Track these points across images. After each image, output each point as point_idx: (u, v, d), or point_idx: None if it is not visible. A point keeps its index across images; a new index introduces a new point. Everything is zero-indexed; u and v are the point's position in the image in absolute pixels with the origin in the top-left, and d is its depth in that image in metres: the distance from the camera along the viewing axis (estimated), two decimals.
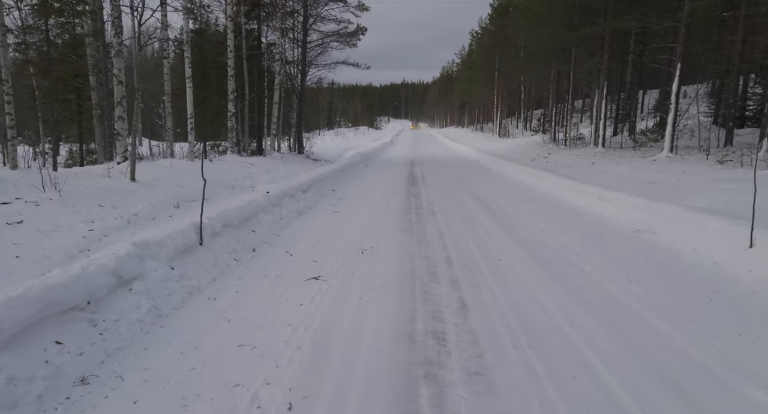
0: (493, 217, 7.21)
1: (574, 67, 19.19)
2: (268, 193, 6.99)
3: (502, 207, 8.24)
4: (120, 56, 10.10)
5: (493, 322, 3.17)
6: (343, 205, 8.44)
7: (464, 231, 6.15)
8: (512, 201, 8.96)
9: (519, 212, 7.63)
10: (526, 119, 36.24)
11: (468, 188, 11.06)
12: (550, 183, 10.88)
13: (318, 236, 5.87)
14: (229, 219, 5.19)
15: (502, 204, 8.57)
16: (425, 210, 7.87)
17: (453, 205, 8.46)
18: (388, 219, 7.03)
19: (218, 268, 4.29)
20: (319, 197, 9.24)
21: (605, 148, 16.46)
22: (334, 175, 13.06)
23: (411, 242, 5.53)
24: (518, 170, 14.25)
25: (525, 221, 6.89)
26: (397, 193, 10.02)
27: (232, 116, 15.50)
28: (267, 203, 6.62)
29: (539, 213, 7.56)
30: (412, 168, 16.74)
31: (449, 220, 6.92)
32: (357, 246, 5.35)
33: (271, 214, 6.51)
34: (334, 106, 71.41)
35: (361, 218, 7.08)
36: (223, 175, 11.20)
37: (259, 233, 5.68)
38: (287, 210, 7.13)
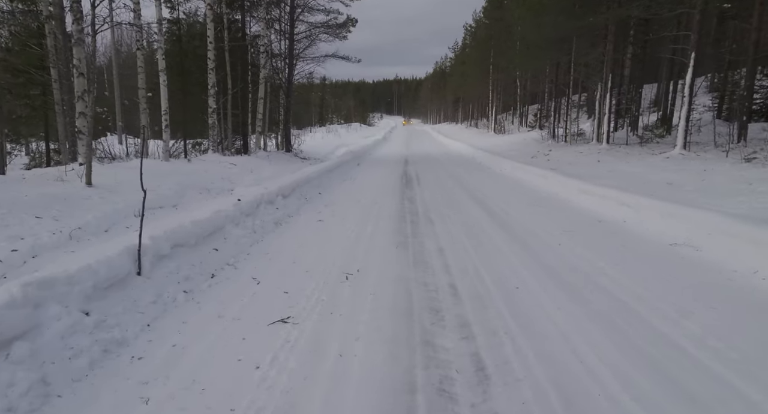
0: (500, 226, 6.27)
1: (575, 59, 18.29)
2: (239, 200, 6.00)
3: (507, 212, 7.30)
4: (80, 45, 9.04)
5: (525, 401, 2.22)
6: (329, 211, 7.46)
7: (468, 246, 5.20)
8: (517, 204, 8.03)
9: (528, 219, 6.69)
10: (522, 115, 35.36)
11: (467, 189, 10.12)
12: (556, 183, 9.96)
13: (295, 254, 4.90)
14: (183, 237, 4.21)
15: (507, 208, 7.64)
16: (421, 217, 6.91)
17: (452, 210, 7.51)
18: (380, 229, 6.07)
19: (159, 307, 3.31)
20: (303, 202, 8.26)
21: (610, 145, 15.59)
22: (322, 175, 12.08)
23: (406, 262, 4.57)
24: (519, 169, 13.34)
25: (537, 231, 5.95)
26: (389, 196, 9.06)
27: (212, 113, 14.46)
28: (238, 213, 5.64)
29: (551, 220, 6.63)
30: (405, 167, 15.78)
31: (449, 231, 5.97)
32: (341, 268, 4.39)
33: (242, 227, 5.53)
34: (325, 103, 70.24)
35: (348, 229, 6.11)
36: (199, 177, 10.19)
37: (223, 252, 4.69)
38: (263, 220, 6.15)
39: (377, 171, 14.55)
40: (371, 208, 7.77)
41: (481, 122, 46.55)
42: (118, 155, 13.38)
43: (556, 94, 22.66)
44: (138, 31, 10.26)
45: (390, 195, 9.29)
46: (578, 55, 17.03)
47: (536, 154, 17.67)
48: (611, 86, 15.40)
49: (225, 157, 14.06)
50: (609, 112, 15.58)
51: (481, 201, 8.52)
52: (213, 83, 14.29)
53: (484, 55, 37.16)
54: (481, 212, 7.34)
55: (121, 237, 4.46)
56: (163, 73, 11.52)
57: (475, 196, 9.20)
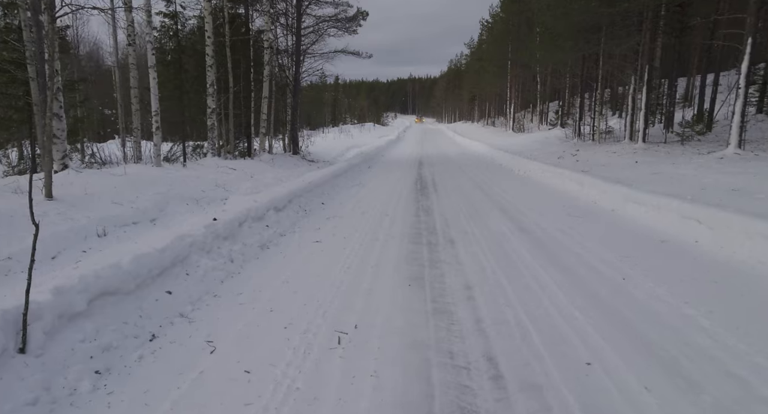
0: (540, 250, 5.00)
1: (604, 51, 16.81)
2: (215, 220, 4.84)
3: (543, 228, 6.02)
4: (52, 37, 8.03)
5: None
6: (330, 228, 6.27)
7: (504, 282, 3.95)
8: (553, 217, 6.74)
9: (573, 240, 5.40)
10: (543, 112, 33.79)
11: (491, 197, 8.85)
12: (594, 189, 8.64)
13: (276, 297, 3.72)
14: (114, 281, 3.05)
15: (542, 222, 6.36)
16: (440, 236, 5.67)
17: (476, 225, 6.25)
18: (389, 255, 4.85)
19: (40, 410, 2.15)
20: (300, 216, 7.08)
21: (646, 144, 14.13)
22: (328, 181, 10.91)
23: (423, 313, 3.35)
24: (546, 171, 12.01)
25: (587, 256, 4.68)
26: (402, 207, 7.84)
27: (212, 113, 13.43)
28: (210, 237, 4.47)
29: (601, 240, 5.33)
30: (420, 169, 14.53)
31: (477, 258, 4.72)
32: (333, 321, 3.20)
33: (216, 255, 4.36)
34: (338, 103, 69.23)
35: (350, 254, 4.91)
36: (190, 185, 9.11)
37: (178, 295, 3.53)
38: (245, 243, 4.98)
39: (389, 175, 13.34)
40: (380, 223, 6.55)
41: (498, 120, 45.02)
42: (110, 160, 12.39)
43: (581, 89, 21.17)
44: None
45: (403, 205, 8.07)
46: (608, 45, 15.56)
47: (562, 154, 16.28)
48: (648, 79, 13.94)
49: (225, 161, 13.00)
50: (645, 108, 14.12)
51: (509, 212, 7.24)
52: (212, 81, 13.25)
53: (502, 50, 35.65)
54: (512, 228, 6.07)
55: (58, 270, 3.35)
56: (152, 69, 10.46)
57: (501, 205, 7.93)
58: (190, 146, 15.66)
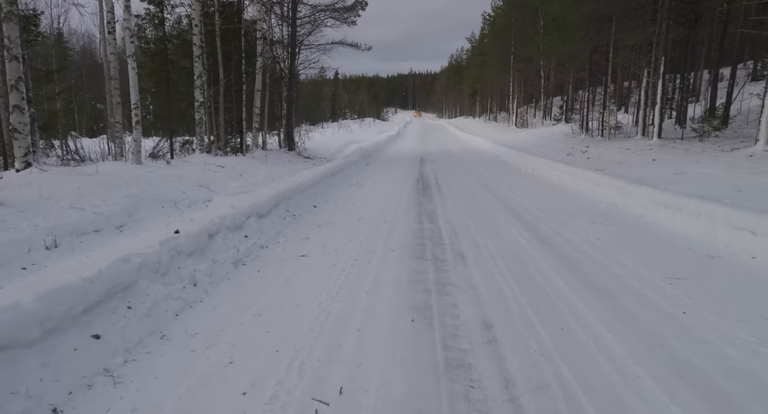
0: (569, 270, 4.15)
1: (616, 42, 15.90)
2: (177, 233, 3.99)
3: (566, 238, 5.18)
4: (11, 21, 7.19)
5: None
6: (319, 238, 5.43)
7: (534, 319, 3.10)
8: (574, 224, 5.90)
9: (605, 255, 4.56)
10: (546, 107, 32.87)
11: (500, 199, 8.01)
12: (615, 190, 7.81)
13: (241, 340, 2.88)
14: (2, 333, 2.20)
15: (564, 231, 5.52)
16: (448, 250, 4.83)
17: (489, 235, 5.41)
18: (387, 277, 4.01)
19: None
20: (287, 223, 6.24)
21: (662, 140, 13.28)
22: (323, 180, 10.07)
23: (430, 367, 2.51)
24: (556, 169, 11.17)
25: (632, 282, 3.83)
26: (402, 211, 7.00)
27: (200, 107, 12.56)
28: (168, 255, 3.63)
29: (641, 256, 4.49)
30: (422, 167, 13.67)
31: (495, 281, 3.89)
32: (312, 380, 2.38)
33: (173, 277, 3.53)
34: (338, 98, 68.22)
35: (340, 274, 4.07)
36: (169, 186, 8.27)
37: (110, 340, 2.69)
38: (216, 260, 4.14)
39: (389, 173, 12.49)
40: (378, 231, 5.72)
41: (500, 116, 44.11)
42: (90, 157, 11.54)
43: (589, 82, 20.28)
44: None
45: (403, 209, 7.23)
46: (621, 36, 14.64)
47: (571, 150, 15.43)
48: (663, 71, 13.05)
49: (214, 158, 12.15)
50: (661, 102, 13.25)
51: (523, 217, 6.40)
52: (200, 73, 12.37)
53: (504, 44, 34.69)
54: (530, 239, 5.23)
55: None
56: (131, 58, 9.59)
57: (512, 209, 7.09)
58: (178, 142, 14.83)
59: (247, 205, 5.52)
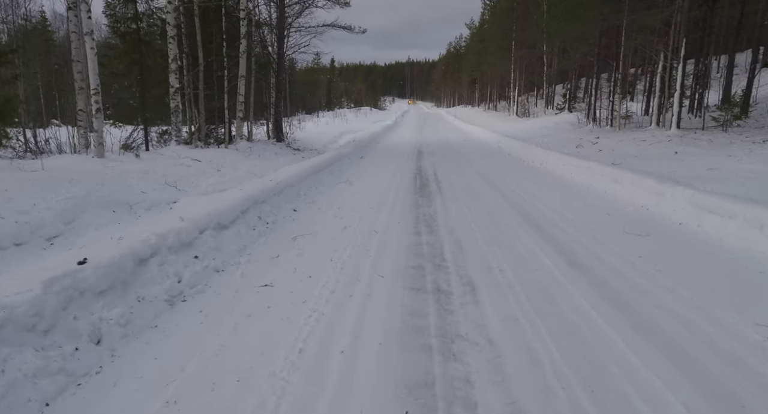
0: (618, 310, 3.08)
1: (629, 23, 14.68)
2: (83, 263, 2.92)
3: (601, 259, 4.13)
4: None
5: None
6: (291, 258, 4.36)
7: (590, 409, 2.08)
8: (605, 236, 4.84)
9: (659, 285, 3.50)
10: (549, 96, 31.67)
11: (509, 199, 6.94)
12: (641, 190, 6.75)
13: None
14: None
15: (596, 248, 4.46)
16: (453, 277, 3.76)
17: (504, 254, 4.34)
18: (372, 325, 2.95)
19: None
20: (257, 234, 5.16)
21: (681, 130, 12.20)
22: (308, 177, 8.97)
23: None
24: (568, 163, 10.11)
25: (705, 328, 2.78)
26: (396, 217, 5.93)
27: (175, 93, 11.42)
28: (55, 302, 2.55)
29: (702, 284, 3.43)
30: (419, 161, 12.57)
31: (522, 332, 2.84)
32: None
33: (60, 334, 2.45)
34: (334, 86, 66.71)
35: (309, 318, 3.01)
36: (128, 184, 7.18)
37: None
38: (142, 297, 3.08)
39: (384, 168, 11.39)
40: (365, 246, 4.65)
41: (500, 104, 42.89)
42: (49, 149, 10.38)
43: (598, 68, 19.10)
44: None
45: (398, 213, 6.15)
46: (638, 16, 13.44)
47: (579, 141, 14.36)
48: (684, 55, 11.92)
49: (190, 151, 11.03)
50: (680, 89, 12.14)
51: (539, 225, 5.34)
52: (175, 55, 11.20)
53: (506, 30, 33.37)
54: (553, 256, 4.17)
55: None
56: (89, 37, 8.39)
57: (525, 212, 6.02)
58: (156, 132, 13.65)
59: (203, 213, 4.44)
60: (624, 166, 8.78)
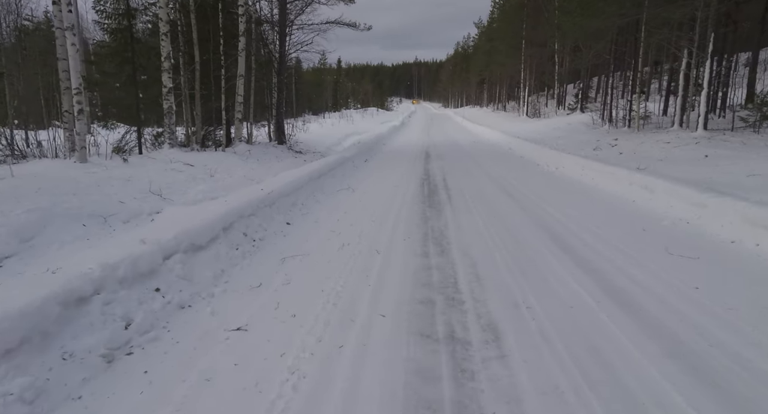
0: (685, 372, 2.35)
1: (649, 18, 13.83)
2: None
3: (647, 288, 3.38)
4: None
5: None
6: (274, 288, 3.65)
7: None
8: (647, 259, 4.09)
9: (725, 326, 2.76)
10: (560, 96, 30.78)
11: (528, 210, 6.18)
12: (676, 200, 5.98)
13: None
14: None
15: (640, 275, 3.71)
16: (471, 318, 3.02)
17: (528, 281, 3.60)
18: (366, 397, 2.25)
19: None
20: (242, 253, 4.45)
21: (708, 132, 11.37)
22: (308, 183, 8.26)
23: None
24: (587, 168, 9.34)
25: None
26: (401, 232, 5.20)
27: (168, 93, 10.80)
28: None
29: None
30: (427, 164, 11.83)
31: (560, 397, 2.12)
32: None
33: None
34: (340, 87, 66.12)
35: (284, 384, 2.30)
36: (106, 192, 6.52)
37: None
38: (68, 354, 2.38)
39: (389, 172, 10.66)
40: (364, 272, 3.93)
41: (509, 105, 42.02)
42: (32, 153, 9.75)
43: (614, 66, 18.26)
44: None
45: (403, 228, 5.43)
46: (660, 9, 12.59)
47: (597, 144, 13.55)
48: (712, 51, 11.09)
49: (184, 154, 10.39)
50: (708, 87, 11.31)
51: (568, 244, 4.58)
52: (168, 53, 10.57)
53: (516, 28, 32.51)
54: (593, 289, 3.43)
55: None
56: (69, 32, 7.77)
57: (549, 227, 5.27)
58: (150, 134, 13.02)
59: (171, 234, 3.74)
60: (650, 171, 8.00)
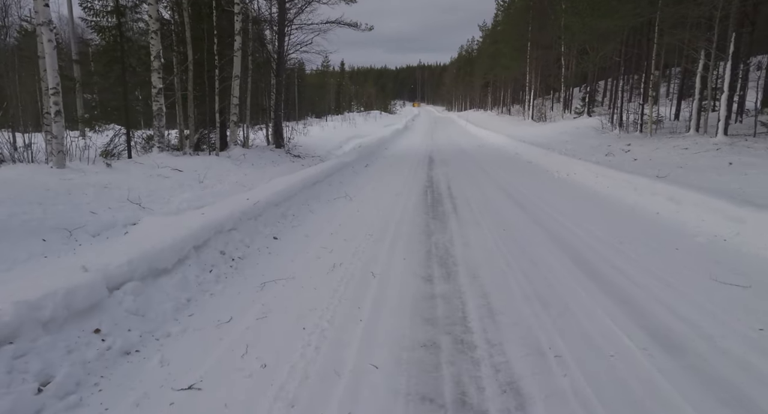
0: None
1: (663, 18, 13.18)
2: None
3: (701, 330, 2.76)
4: None
5: None
6: (246, 325, 3.03)
7: None
8: (691, 288, 3.46)
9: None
10: (567, 99, 30.13)
11: (541, 222, 5.55)
12: (712, 214, 5.35)
13: None
14: None
15: (688, 311, 3.08)
16: (486, 372, 2.39)
17: (552, 319, 2.98)
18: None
19: None
20: (216, 277, 3.84)
21: (729, 137, 10.72)
22: (301, 191, 7.66)
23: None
24: (601, 175, 8.73)
25: None
26: (401, 250, 4.58)
27: (158, 94, 10.22)
28: None
29: None
30: (431, 170, 11.22)
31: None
32: None
33: None
34: (343, 89, 65.63)
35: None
36: (75, 202, 5.95)
37: None
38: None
39: (390, 179, 10.05)
40: (355, 302, 3.31)
41: (514, 108, 41.38)
42: (11, 158, 9.19)
43: (625, 68, 17.63)
44: None
45: (403, 245, 4.80)
46: (678, 8, 11.95)
47: (608, 149, 12.92)
48: (734, 51, 10.45)
49: (174, 159, 9.82)
50: (729, 91, 10.67)
51: (598, 271, 3.95)
52: (158, 52, 10.00)
53: (521, 30, 31.93)
54: (636, 332, 2.80)
55: None
56: (46, 28, 7.21)
57: (568, 244, 4.64)
58: (141, 137, 12.46)
59: (123, 259, 3.12)
60: (672, 180, 7.37)
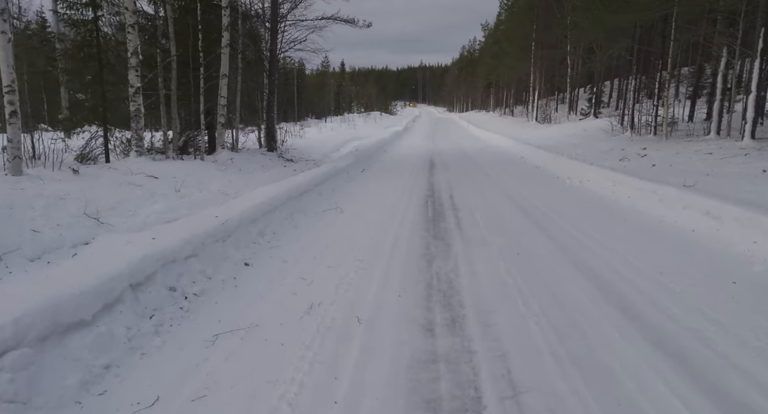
0: None
1: (679, 14, 12.33)
2: None
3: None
4: None
5: None
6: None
7: None
8: None
9: None
10: (573, 100, 29.28)
11: (559, 244, 4.69)
12: (759, 234, 4.49)
13: None
14: None
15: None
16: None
17: (588, 382, 2.15)
18: None
19: None
20: (158, 327, 3.00)
21: (756, 141, 9.87)
22: (287, 202, 6.81)
23: None
24: (619, 183, 7.92)
25: None
26: (396, 283, 3.73)
27: (135, 94, 9.39)
28: None
29: None
30: (432, 176, 10.36)
31: None
32: None
33: None
34: (344, 90, 64.88)
35: None
36: (17, 218, 5.12)
37: None
38: None
39: (387, 186, 9.19)
40: (331, 367, 2.47)
41: (517, 109, 40.55)
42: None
43: (637, 67, 16.76)
44: None
45: (398, 275, 3.95)
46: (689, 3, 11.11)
47: (622, 153, 12.07)
48: (763, 48, 9.59)
49: (151, 164, 8.96)
50: (756, 91, 9.81)
51: (642, 316, 3.11)
52: (135, 49, 9.17)
53: (526, 29, 31.07)
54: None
55: None
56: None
57: (597, 275, 3.79)
58: (120, 140, 11.61)
59: (8, 318, 2.28)
60: (701, 189, 6.53)
